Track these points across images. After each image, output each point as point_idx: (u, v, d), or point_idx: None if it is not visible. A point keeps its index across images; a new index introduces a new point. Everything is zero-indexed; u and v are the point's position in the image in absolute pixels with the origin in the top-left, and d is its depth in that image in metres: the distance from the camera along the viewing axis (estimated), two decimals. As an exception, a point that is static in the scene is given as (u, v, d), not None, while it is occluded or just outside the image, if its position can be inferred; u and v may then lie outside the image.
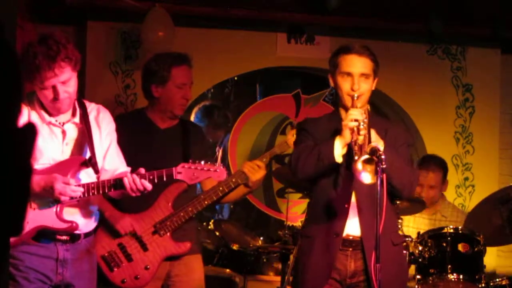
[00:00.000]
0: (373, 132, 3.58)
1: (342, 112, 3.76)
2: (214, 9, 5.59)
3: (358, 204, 3.66)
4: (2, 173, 1.37)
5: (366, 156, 3.35)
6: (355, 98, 3.62)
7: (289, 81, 6.75)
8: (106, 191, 3.49)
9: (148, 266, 4.10)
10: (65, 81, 3.40)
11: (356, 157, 3.40)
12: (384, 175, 3.33)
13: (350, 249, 3.66)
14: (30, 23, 5.34)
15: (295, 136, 4.10)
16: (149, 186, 3.47)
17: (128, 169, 3.66)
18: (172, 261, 4.22)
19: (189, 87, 4.33)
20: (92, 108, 3.66)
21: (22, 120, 1.48)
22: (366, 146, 3.43)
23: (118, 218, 4.11)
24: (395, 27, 5.97)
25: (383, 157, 3.32)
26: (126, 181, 3.43)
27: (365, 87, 3.68)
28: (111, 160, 3.62)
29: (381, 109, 6.58)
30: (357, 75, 3.66)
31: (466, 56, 6.31)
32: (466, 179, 6.29)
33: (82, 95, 5.00)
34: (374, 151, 3.35)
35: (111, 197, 3.87)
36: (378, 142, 3.47)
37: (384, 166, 3.32)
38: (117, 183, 3.46)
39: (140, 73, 5.42)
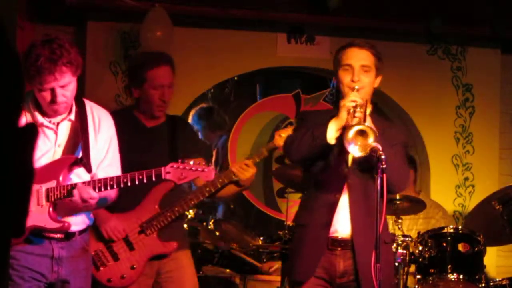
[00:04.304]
0: (369, 119, 3.55)
1: None
2: (214, 9, 5.59)
3: (350, 202, 3.64)
4: (3, 174, 1.36)
5: (360, 126, 3.34)
6: (356, 90, 3.60)
7: (289, 81, 6.76)
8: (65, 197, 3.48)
9: (134, 266, 4.11)
10: (64, 85, 3.40)
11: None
12: (385, 175, 3.33)
13: (339, 248, 3.64)
14: (30, 23, 5.34)
15: (282, 136, 4.13)
16: (95, 196, 3.46)
17: None
18: (160, 260, 4.21)
19: (167, 88, 4.24)
20: (93, 108, 3.65)
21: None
22: (357, 123, 3.41)
23: (103, 221, 4.10)
24: (395, 27, 5.97)
25: (383, 157, 3.31)
26: (75, 192, 3.44)
27: (366, 80, 3.64)
28: (104, 169, 3.60)
29: (381, 109, 6.58)
30: (357, 67, 3.64)
31: (466, 56, 6.31)
32: (466, 179, 6.29)
33: (82, 95, 5.00)
34: (374, 151, 3.34)
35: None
36: (373, 132, 3.42)
37: (384, 166, 3.31)
38: (68, 192, 3.46)
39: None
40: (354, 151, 3.36)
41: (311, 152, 3.58)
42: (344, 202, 3.64)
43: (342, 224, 3.64)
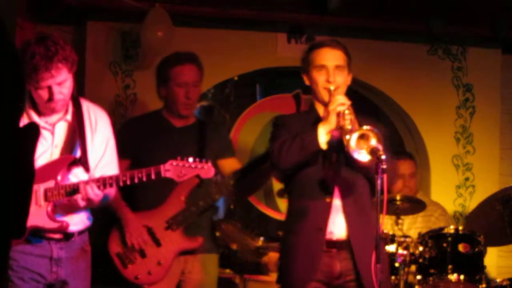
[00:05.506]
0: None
1: (319, 107, 3.77)
2: (213, 9, 5.58)
3: (342, 202, 3.63)
4: (4, 174, 1.36)
5: (358, 133, 3.33)
6: (332, 90, 3.63)
7: (289, 81, 6.74)
8: (64, 196, 3.46)
9: (161, 262, 4.14)
10: (61, 82, 3.41)
11: (348, 136, 3.38)
12: (385, 175, 3.32)
13: (334, 250, 3.63)
14: (30, 23, 5.33)
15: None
16: (99, 194, 3.45)
17: None
18: (186, 257, 4.26)
19: (192, 86, 4.35)
20: (90, 108, 3.65)
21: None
22: (357, 129, 3.40)
23: (128, 222, 4.17)
24: (395, 27, 5.96)
25: (383, 157, 3.31)
26: (81, 188, 3.43)
27: (340, 79, 3.69)
28: (102, 168, 3.60)
29: (381, 109, 6.58)
30: (331, 67, 3.68)
31: (467, 56, 6.31)
32: (467, 179, 6.28)
33: (82, 95, 4.99)
34: (374, 152, 3.34)
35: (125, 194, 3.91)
36: (373, 132, 3.40)
37: (384, 166, 3.30)
38: (73, 190, 3.45)
39: (139, 73, 5.48)
40: (363, 157, 3.35)
41: (301, 160, 3.58)
42: (335, 203, 3.64)
43: (335, 225, 3.64)
